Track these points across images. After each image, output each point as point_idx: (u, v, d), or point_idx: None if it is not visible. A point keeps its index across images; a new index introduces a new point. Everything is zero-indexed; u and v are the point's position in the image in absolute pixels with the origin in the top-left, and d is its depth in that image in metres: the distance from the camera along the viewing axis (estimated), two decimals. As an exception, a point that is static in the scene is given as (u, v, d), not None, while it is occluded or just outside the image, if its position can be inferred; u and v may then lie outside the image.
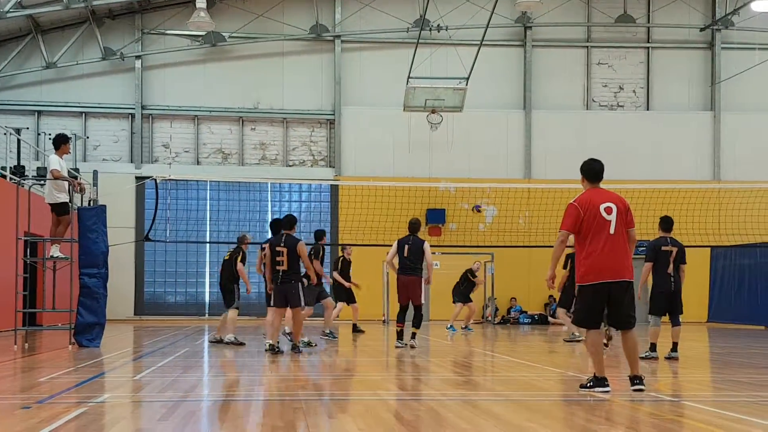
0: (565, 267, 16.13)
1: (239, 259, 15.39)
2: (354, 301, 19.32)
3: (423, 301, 15.16)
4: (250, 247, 16.33)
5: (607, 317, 8.74)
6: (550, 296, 28.48)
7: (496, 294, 28.09)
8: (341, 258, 19.50)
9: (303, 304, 13.24)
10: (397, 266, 15.13)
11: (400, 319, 15.22)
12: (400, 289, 15.11)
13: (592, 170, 8.76)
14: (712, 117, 30.81)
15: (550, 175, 29.39)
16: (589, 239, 8.41)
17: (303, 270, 13.58)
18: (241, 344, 15.09)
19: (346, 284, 18.90)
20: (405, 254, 14.88)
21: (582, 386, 8.69)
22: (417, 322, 15.19)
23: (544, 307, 29.51)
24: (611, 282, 8.39)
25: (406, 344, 14.57)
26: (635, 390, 8.50)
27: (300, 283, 13.18)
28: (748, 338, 20.42)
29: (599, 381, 8.47)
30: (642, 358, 11.71)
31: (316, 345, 15.19)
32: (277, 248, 12.95)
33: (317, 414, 7.18)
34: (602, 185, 8.97)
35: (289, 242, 13.01)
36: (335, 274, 18.97)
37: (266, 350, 13.14)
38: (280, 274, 12.97)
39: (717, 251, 28.40)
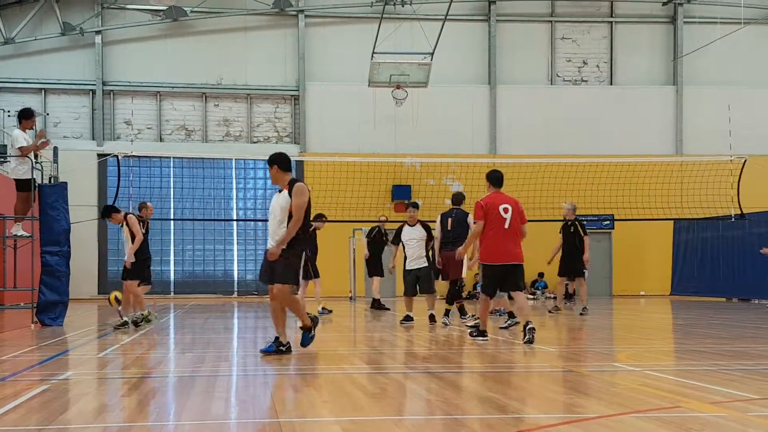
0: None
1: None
2: (318, 276, 18.23)
3: (462, 275, 14.79)
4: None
5: (501, 287, 11.57)
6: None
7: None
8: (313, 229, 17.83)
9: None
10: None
11: (458, 294, 15.04)
12: (443, 265, 14.84)
13: (496, 178, 11.64)
14: (674, 91, 31.07)
15: (514, 150, 29.49)
16: (490, 230, 11.17)
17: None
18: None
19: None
20: (449, 228, 14.71)
21: (470, 334, 11.66)
22: (451, 298, 14.94)
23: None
24: (506, 264, 11.16)
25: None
26: (529, 332, 10.77)
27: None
28: (709, 310, 20.72)
29: (482, 333, 11.50)
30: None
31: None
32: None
33: (283, 388, 7.17)
34: (566, 159, 9.61)
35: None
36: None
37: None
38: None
39: (680, 224, 28.75)
